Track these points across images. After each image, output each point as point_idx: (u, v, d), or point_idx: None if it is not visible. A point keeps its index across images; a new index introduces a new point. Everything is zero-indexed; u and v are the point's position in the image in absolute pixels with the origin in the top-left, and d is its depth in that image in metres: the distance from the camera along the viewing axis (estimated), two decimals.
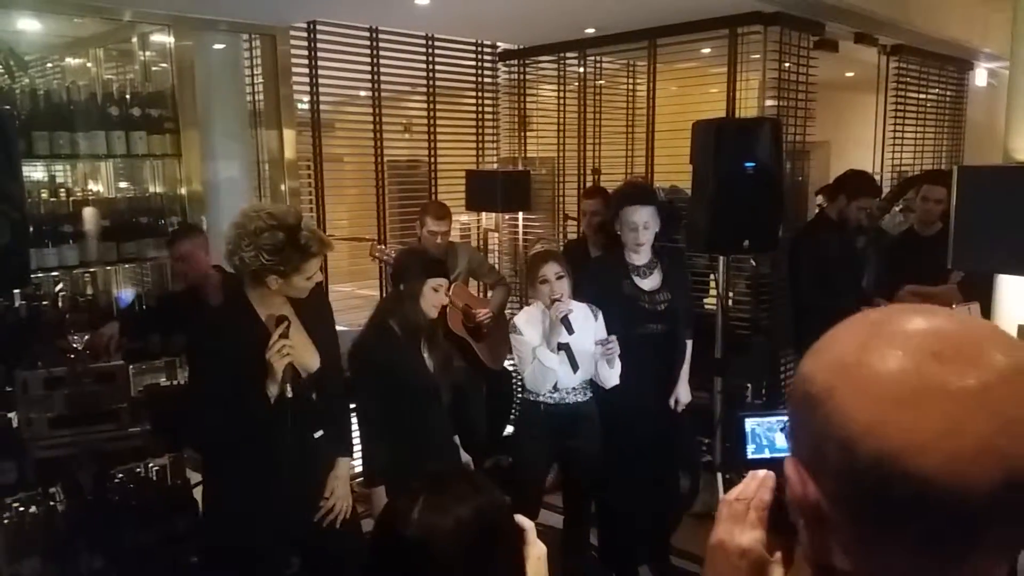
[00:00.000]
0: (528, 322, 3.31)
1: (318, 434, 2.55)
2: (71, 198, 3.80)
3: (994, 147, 6.74)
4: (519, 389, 3.47)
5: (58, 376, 3.20)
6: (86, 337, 3.40)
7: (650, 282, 3.51)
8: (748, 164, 3.66)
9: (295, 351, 2.35)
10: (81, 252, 3.60)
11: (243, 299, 2.42)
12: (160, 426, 3.49)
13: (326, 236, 2.46)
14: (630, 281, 3.47)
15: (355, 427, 2.91)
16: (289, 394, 2.33)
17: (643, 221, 3.39)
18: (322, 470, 2.60)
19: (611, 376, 3.30)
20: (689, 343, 3.65)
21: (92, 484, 3.46)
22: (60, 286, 3.87)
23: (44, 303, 3.64)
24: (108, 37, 4.33)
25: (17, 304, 3.52)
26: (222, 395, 2.28)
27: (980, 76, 6.84)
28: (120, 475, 3.56)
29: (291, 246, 2.30)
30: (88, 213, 3.68)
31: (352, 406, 2.88)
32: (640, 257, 3.49)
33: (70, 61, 4.63)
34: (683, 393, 3.63)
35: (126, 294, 4.16)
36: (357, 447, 2.92)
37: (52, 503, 3.42)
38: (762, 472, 0.88)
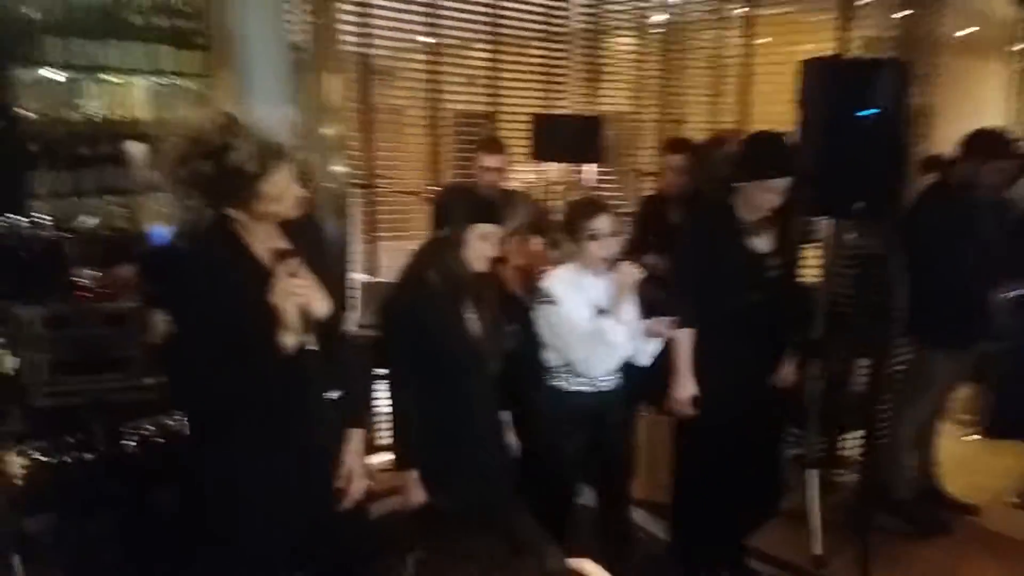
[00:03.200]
0: (567, 288, 2.71)
1: (334, 395, 2.11)
2: (89, 117, 3.42)
3: None
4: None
5: (60, 315, 2.84)
6: (99, 275, 3.04)
7: (763, 243, 3.03)
8: (866, 112, 3.09)
9: (307, 293, 1.90)
10: (98, 178, 3.23)
11: (227, 230, 1.95)
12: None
13: (275, 141, 1.92)
14: (743, 241, 3.00)
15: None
16: (314, 345, 1.91)
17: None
18: (333, 443, 2.15)
19: (647, 352, 2.84)
20: None
21: (103, 438, 3.13)
22: (84, 218, 3.51)
23: (60, 234, 3.27)
24: None
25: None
26: (218, 349, 1.83)
27: None
28: (145, 429, 3.22)
29: (225, 175, 1.83)
30: (110, 135, 3.29)
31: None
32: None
33: None
34: (789, 372, 3.24)
35: (160, 230, 3.78)
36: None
37: (62, 457, 3.10)
38: None
